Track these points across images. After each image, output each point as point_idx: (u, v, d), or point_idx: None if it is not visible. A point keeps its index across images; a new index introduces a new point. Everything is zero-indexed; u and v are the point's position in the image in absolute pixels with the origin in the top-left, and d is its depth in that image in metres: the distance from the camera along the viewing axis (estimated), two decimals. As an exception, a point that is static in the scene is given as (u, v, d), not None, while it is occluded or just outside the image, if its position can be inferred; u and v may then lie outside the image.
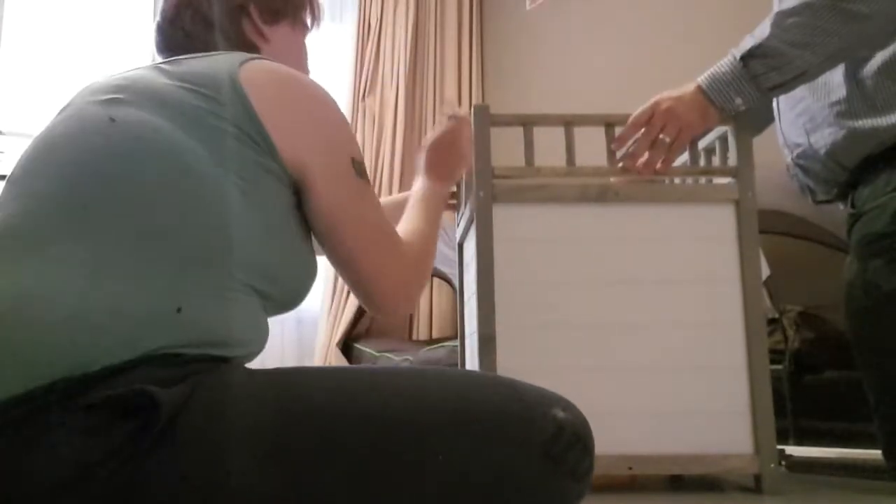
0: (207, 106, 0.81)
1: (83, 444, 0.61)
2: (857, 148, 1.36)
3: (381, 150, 3.65)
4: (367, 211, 0.93)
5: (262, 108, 0.83)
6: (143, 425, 0.62)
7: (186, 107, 0.81)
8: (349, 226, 0.91)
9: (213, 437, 0.65)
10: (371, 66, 3.73)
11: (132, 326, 0.68)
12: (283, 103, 0.86)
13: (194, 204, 0.77)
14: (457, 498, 0.68)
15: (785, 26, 1.32)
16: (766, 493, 1.31)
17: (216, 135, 0.80)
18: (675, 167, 1.46)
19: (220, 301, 0.75)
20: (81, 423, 0.62)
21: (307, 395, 0.70)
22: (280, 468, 0.64)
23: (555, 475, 0.70)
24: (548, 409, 0.72)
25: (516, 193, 1.39)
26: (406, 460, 0.67)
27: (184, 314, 0.70)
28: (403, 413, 0.69)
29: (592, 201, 1.41)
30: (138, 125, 0.79)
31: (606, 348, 1.36)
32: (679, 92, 1.42)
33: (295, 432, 0.66)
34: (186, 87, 0.83)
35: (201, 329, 0.71)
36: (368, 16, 3.78)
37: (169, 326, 0.69)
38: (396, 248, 0.96)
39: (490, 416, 0.70)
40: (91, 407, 0.63)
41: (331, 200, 0.89)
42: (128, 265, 0.71)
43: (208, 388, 0.68)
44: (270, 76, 0.87)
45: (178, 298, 0.71)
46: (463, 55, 3.80)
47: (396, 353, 3.02)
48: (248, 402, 0.68)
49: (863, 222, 1.34)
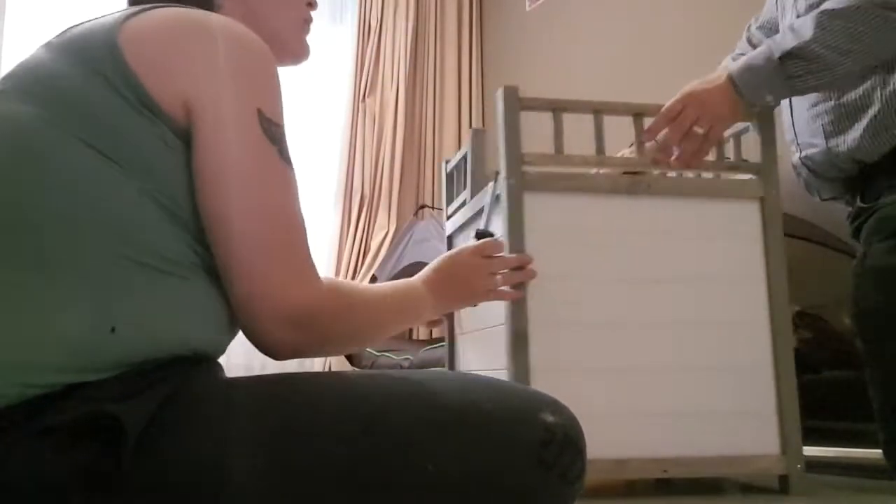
0: (77, 74, 0.70)
1: (45, 469, 0.58)
2: (883, 144, 1.29)
3: (381, 150, 3.58)
4: (268, 184, 0.71)
5: (136, 53, 0.70)
6: (107, 446, 0.58)
7: (56, 84, 0.70)
8: (235, 193, 0.70)
9: (195, 456, 0.61)
10: (371, 67, 3.66)
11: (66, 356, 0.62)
12: (165, 41, 0.72)
13: (68, 202, 0.65)
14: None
15: (830, 28, 1.23)
16: (793, 493, 1.26)
17: (82, 108, 0.68)
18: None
19: (154, 299, 0.67)
20: (40, 446, 0.58)
21: (291, 405, 0.66)
22: (269, 479, 0.61)
23: (547, 480, 0.66)
24: (538, 414, 0.68)
25: (545, 182, 1.26)
26: (395, 468, 0.64)
27: (119, 332, 0.64)
28: (392, 420, 0.65)
29: (622, 193, 1.31)
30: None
31: (635, 347, 1.27)
32: (709, 83, 1.31)
33: (282, 443, 0.63)
34: (62, 60, 0.71)
35: (145, 341, 0.66)
36: (368, 17, 3.71)
37: (105, 351, 0.63)
38: (306, 258, 0.73)
39: (480, 422, 0.67)
40: (49, 429, 0.58)
41: (218, 151, 0.70)
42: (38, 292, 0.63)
43: (178, 400, 0.64)
44: (158, 22, 0.74)
45: (108, 317, 0.63)
46: (463, 55, 3.74)
47: (396, 352, 2.94)
48: (227, 414, 0.64)
49: (884, 217, 1.27)
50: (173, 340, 0.68)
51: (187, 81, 0.70)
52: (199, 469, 0.61)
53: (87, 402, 0.60)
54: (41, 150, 0.66)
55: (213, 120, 0.70)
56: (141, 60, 0.70)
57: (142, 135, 0.69)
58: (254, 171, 0.71)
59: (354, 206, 3.50)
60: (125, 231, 0.66)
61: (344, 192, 3.52)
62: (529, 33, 3.53)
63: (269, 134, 0.72)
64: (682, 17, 2.66)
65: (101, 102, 0.68)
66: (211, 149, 0.70)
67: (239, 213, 0.70)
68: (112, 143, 0.68)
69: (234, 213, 0.70)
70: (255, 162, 0.71)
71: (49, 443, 0.58)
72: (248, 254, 0.70)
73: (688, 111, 1.29)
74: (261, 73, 0.74)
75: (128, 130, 0.68)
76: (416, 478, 0.64)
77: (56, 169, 0.66)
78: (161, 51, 0.71)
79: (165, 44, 0.72)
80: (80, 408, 0.59)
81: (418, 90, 3.70)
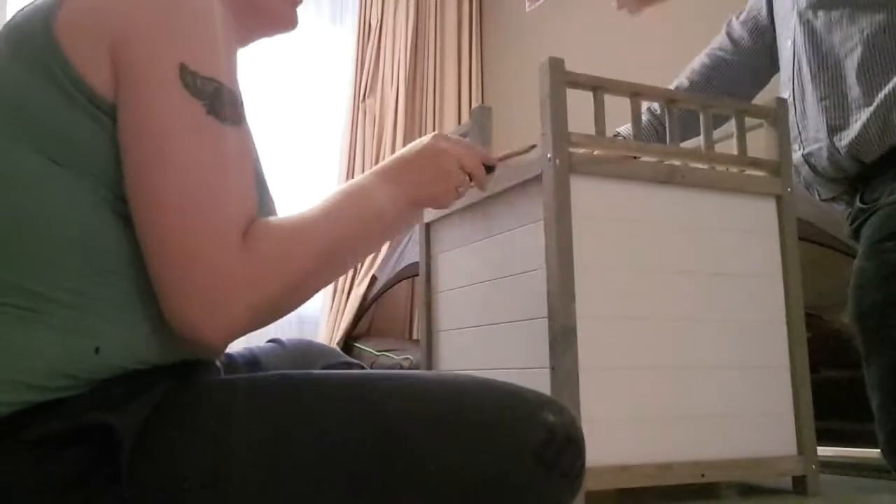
0: (15, 63, 0.66)
1: (38, 479, 0.58)
2: (886, 140, 1.27)
3: (382, 151, 3.53)
4: (189, 142, 0.64)
5: (65, 26, 0.65)
6: (100, 454, 0.59)
7: (12, 93, 0.66)
8: (154, 156, 0.63)
9: (192, 462, 0.61)
10: (371, 68, 3.61)
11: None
12: (90, 9, 0.66)
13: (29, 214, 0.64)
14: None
15: None
16: (810, 494, 1.23)
17: (19, 102, 0.65)
18: (721, 154, 1.32)
19: (134, 312, 0.66)
20: (33, 455, 0.58)
21: (290, 406, 0.65)
22: (268, 482, 0.61)
23: (547, 479, 0.66)
24: (538, 414, 0.68)
25: (590, 165, 1.16)
26: (396, 468, 0.63)
27: (103, 355, 0.63)
28: (392, 421, 0.65)
29: (660, 182, 1.23)
30: None
31: (674, 345, 1.20)
32: None
33: (282, 445, 0.63)
34: (12, 59, 0.67)
35: (132, 356, 0.65)
36: (369, 17, 3.66)
37: (90, 368, 0.63)
38: (231, 219, 0.65)
39: (481, 422, 0.66)
40: (42, 440, 0.59)
41: (136, 113, 0.64)
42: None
43: (171, 406, 0.64)
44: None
45: (92, 340, 0.63)
46: (463, 55, 3.71)
47: (396, 352, 2.87)
48: (224, 419, 0.64)
49: (884, 217, 1.26)
50: (163, 353, 0.67)
51: (110, 46, 0.65)
52: (197, 475, 0.60)
53: (79, 411, 0.59)
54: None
55: (129, 84, 0.64)
56: (73, 43, 0.65)
57: (86, 133, 0.65)
58: (169, 131, 0.64)
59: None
60: (89, 244, 0.64)
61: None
62: (529, 33, 3.50)
63: (193, 89, 0.64)
64: (681, 17, 2.63)
65: (44, 103, 0.64)
66: (125, 119, 0.64)
67: (161, 180, 0.63)
68: (59, 147, 0.64)
69: (157, 176, 0.63)
70: (173, 122, 0.64)
71: (41, 453, 0.58)
72: (167, 226, 0.63)
73: None
74: (186, 21, 0.66)
75: (73, 131, 0.64)
76: (418, 478, 0.63)
77: (8, 176, 0.64)
78: (90, 23, 0.65)
79: (92, 10, 0.66)
80: (72, 417, 0.59)
81: (418, 90, 3.66)
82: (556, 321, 1.09)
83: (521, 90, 3.47)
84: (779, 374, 1.27)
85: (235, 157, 0.67)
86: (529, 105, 3.30)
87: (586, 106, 1.21)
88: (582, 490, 1.04)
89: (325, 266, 0.72)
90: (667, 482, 1.15)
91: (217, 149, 0.65)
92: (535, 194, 1.15)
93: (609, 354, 1.13)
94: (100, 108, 0.64)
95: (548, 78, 1.12)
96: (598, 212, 1.16)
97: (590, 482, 1.05)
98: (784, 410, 1.26)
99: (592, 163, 1.17)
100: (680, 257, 1.22)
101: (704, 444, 1.18)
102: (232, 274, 0.63)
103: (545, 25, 3.39)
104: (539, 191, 1.14)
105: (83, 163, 0.64)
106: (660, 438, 1.15)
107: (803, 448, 1.25)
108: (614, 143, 1.20)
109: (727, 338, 1.23)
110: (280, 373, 0.70)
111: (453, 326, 1.41)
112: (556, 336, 1.09)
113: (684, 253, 1.23)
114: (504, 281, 1.25)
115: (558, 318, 1.09)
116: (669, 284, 1.20)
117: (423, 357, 1.48)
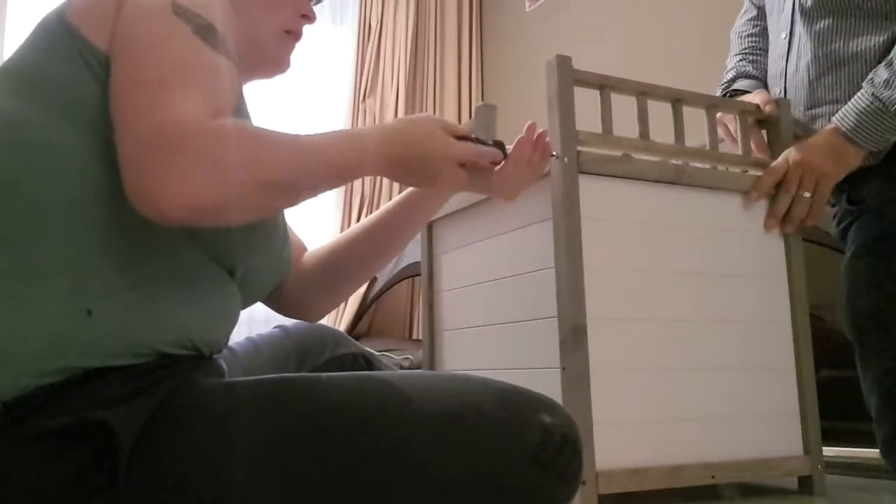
0: (41, 56, 0.69)
1: (38, 475, 0.57)
2: None
3: None
4: (173, 41, 0.66)
5: (76, 11, 0.70)
6: (100, 452, 0.58)
7: (29, 69, 0.69)
8: (139, 53, 0.66)
9: (193, 462, 0.61)
10: (371, 68, 3.57)
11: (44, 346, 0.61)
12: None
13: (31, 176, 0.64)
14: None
15: None
16: (816, 494, 1.21)
17: (50, 86, 0.67)
18: (725, 154, 1.30)
19: (132, 292, 0.65)
20: (32, 451, 0.58)
21: (290, 407, 0.65)
22: (268, 483, 0.61)
23: (545, 480, 0.65)
24: (534, 415, 0.67)
25: (598, 164, 1.12)
26: (394, 469, 0.63)
27: (96, 320, 0.62)
28: (391, 421, 0.64)
29: (668, 182, 1.19)
30: None
31: (681, 346, 1.17)
32: (810, 141, 1.27)
33: (281, 447, 0.62)
34: (31, 46, 0.71)
35: (121, 337, 0.64)
36: (369, 18, 3.62)
37: (85, 335, 0.62)
38: (206, 100, 0.64)
39: (479, 423, 0.65)
40: (41, 434, 0.58)
41: (127, 33, 0.67)
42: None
43: (173, 406, 0.63)
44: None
45: (85, 302, 0.63)
46: (463, 55, 3.67)
47: (397, 352, 2.83)
48: (224, 420, 0.63)
49: (873, 217, 1.25)
50: (156, 330, 0.65)
51: (114, 13, 0.68)
52: (197, 477, 0.60)
53: (80, 408, 0.59)
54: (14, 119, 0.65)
55: (125, 22, 0.67)
56: (86, 20, 0.69)
57: (97, 96, 0.66)
58: (151, 39, 0.66)
59: (355, 206, 3.41)
60: (88, 209, 0.64)
61: (344, 192, 3.42)
62: (529, 33, 3.47)
63: (184, 17, 0.67)
64: (682, 18, 2.60)
65: (60, 70, 0.67)
66: (116, 46, 0.66)
67: (136, 72, 0.64)
68: (68, 108, 0.66)
69: (121, 79, 0.65)
70: (159, 34, 0.66)
71: (42, 449, 0.57)
72: (124, 129, 0.62)
73: (790, 175, 1.25)
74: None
75: (85, 93, 0.66)
76: (416, 479, 0.63)
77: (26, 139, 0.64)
78: (96, 3, 0.70)
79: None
80: (73, 414, 0.58)
81: (418, 90, 3.62)
82: (566, 321, 1.05)
83: (522, 90, 3.43)
84: (784, 374, 1.25)
85: (217, 69, 0.67)
86: (530, 105, 3.31)
87: (587, 106, 1.17)
88: (595, 494, 1.01)
89: (281, 184, 0.68)
90: (678, 485, 1.11)
91: (199, 56, 0.66)
92: (541, 193, 1.11)
93: (617, 355, 1.09)
94: (107, 68, 0.67)
95: (556, 76, 1.08)
96: (605, 211, 1.12)
97: (602, 486, 1.01)
98: (790, 411, 1.24)
99: (601, 162, 1.13)
100: (686, 258, 1.19)
101: (712, 446, 1.15)
102: (192, 130, 0.60)
103: (545, 25, 3.35)
104: (544, 190, 1.10)
105: (90, 121, 0.66)
106: (669, 440, 1.12)
107: (809, 448, 1.23)
108: (621, 142, 1.15)
109: (733, 338, 1.21)
110: (280, 376, 0.70)
111: (457, 326, 1.37)
112: (566, 336, 1.05)
113: (691, 253, 1.20)
114: (510, 280, 1.21)
115: (568, 317, 1.05)
116: (676, 285, 1.17)
117: (425, 357, 1.44)
